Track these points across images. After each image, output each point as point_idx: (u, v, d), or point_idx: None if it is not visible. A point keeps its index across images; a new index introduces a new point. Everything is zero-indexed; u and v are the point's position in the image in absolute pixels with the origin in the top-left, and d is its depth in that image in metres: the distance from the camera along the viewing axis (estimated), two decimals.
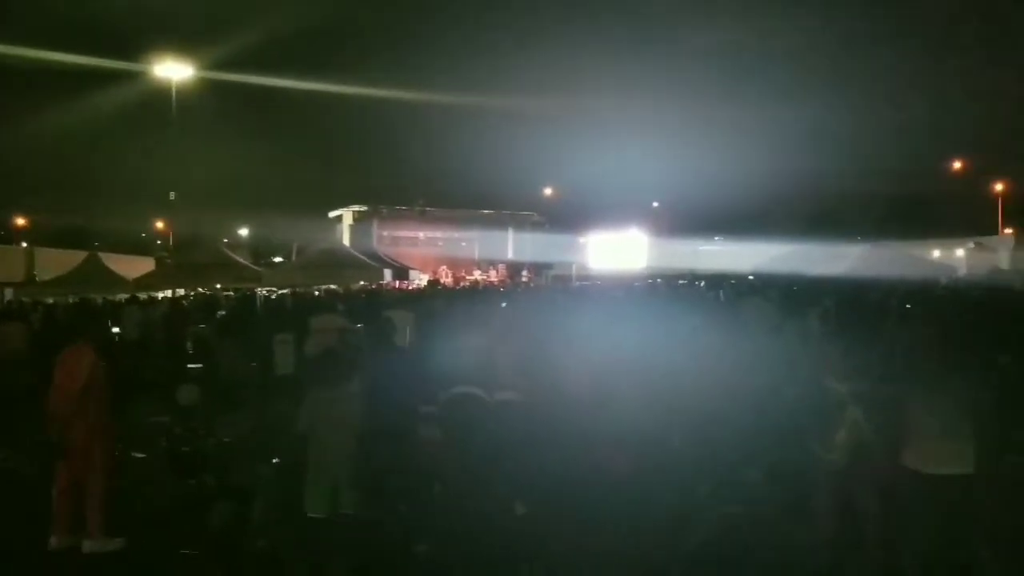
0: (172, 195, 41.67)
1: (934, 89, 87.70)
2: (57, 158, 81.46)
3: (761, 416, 6.94)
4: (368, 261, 25.32)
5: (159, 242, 69.66)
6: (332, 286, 22.38)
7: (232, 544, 6.73)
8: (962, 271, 30.11)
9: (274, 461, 7.42)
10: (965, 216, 50.13)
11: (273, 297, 21.10)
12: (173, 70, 34.43)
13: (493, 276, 42.86)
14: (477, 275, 43.03)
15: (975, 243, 40.15)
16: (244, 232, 77.41)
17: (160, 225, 74.89)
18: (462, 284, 37.83)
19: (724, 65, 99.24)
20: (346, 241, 44.71)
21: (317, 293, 21.56)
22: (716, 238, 55.99)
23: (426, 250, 45.54)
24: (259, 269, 24.24)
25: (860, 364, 6.13)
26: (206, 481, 7.03)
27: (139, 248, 63.21)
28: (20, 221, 67.23)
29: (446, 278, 39.79)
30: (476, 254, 46.64)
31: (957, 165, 52.86)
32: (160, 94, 37.08)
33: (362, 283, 24.76)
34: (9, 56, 42.82)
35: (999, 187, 53.79)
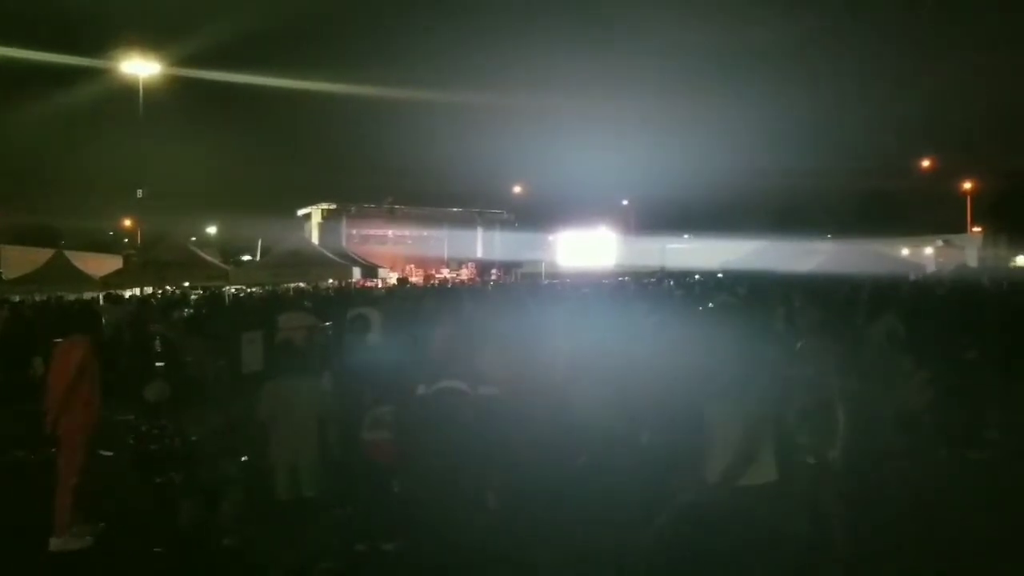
0: (140, 192, 41.24)
1: (902, 88, 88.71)
2: (22, 156, 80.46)
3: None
4: (336, 259, 25.23)
5: (126, 240, 69.16)
6: (300, 284, 22.32)
7: (201, 542, 6.72)
8: (930, 268, 30.45)
9: (243, 459, 7.40)
10: (934, 214, 50.84)
11: (241, 295, 20.99)
12: (139, 67, 34.11)
13: (463, 274, 42.88)
14: (446, 273, 43.04)
15: (943, 241, 40.60)
16: (212, 230, 77.06)
17: (127, 223, 74.47)
18: (431, 283, 37.77)
19: (692, 63, 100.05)
20: (315, 239, 44.52)
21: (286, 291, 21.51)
22: (685, 235, 56.35)
23: (395, 249, 45.44)
24: (226, 267, 24.05)
25: (829, 360, 6.19)
26: (173, 479, 6.99)
27: (106, 246, 62.59)
28: None
29: (415, 276, 39.75)
30: (445, 252, 46.65)
31: (926, 163, 53.45)
32: (127, 91, 36.77)
33: (331, 281, 24.69)
34: None
35: (967, 185, 54.56)
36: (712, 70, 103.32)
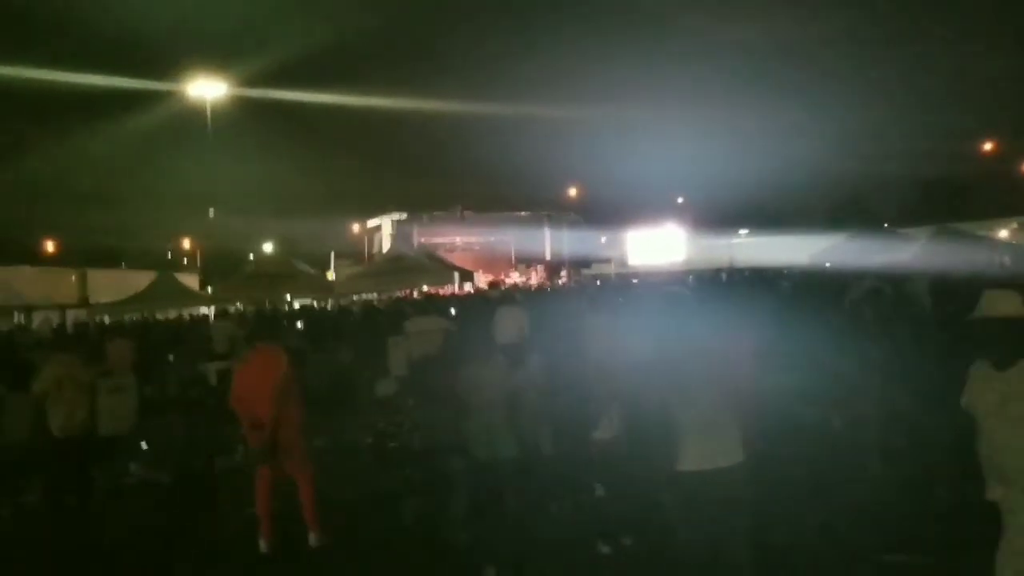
0: (211, 212, 41.97)
1: (960, 71, 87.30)
2: (83, 179, 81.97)
3: None
4: (437, 265, 25.53)
5: (185, 261, 70.24)
6: (425, 288, 22.69)
7: (434, 536, 6.93)
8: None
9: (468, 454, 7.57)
10: (999, 197, 49.89)
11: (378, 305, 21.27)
12: (205, 88, 34.68)
13: (532, 278, 43.03)
14: (515, 277, 43.19)
15: (1018, 223, 39.73)
16: (268, 247, 77.95)
17: (186, 243, 75.56)
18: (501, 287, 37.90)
19: (746, 59, 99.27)
20: (387, 248, 44.99)
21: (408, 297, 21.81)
22: (742, 231, 55.98)
23: (463, 255, 45.73)
24: (330, 279, 24.48)
25: None
26: (411, 476, 7.19)
27: (167, 266, 63.61)
28: (50, 246, 67.53)
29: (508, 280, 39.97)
30: (513, 256, 46.85)
31: (988, 146, 52.55)
32: (189, 112, 37.39)
33: (423, 288, 25.02)
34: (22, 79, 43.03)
35: None
36: (765, 66, 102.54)
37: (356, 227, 68.88)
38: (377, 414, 7.74)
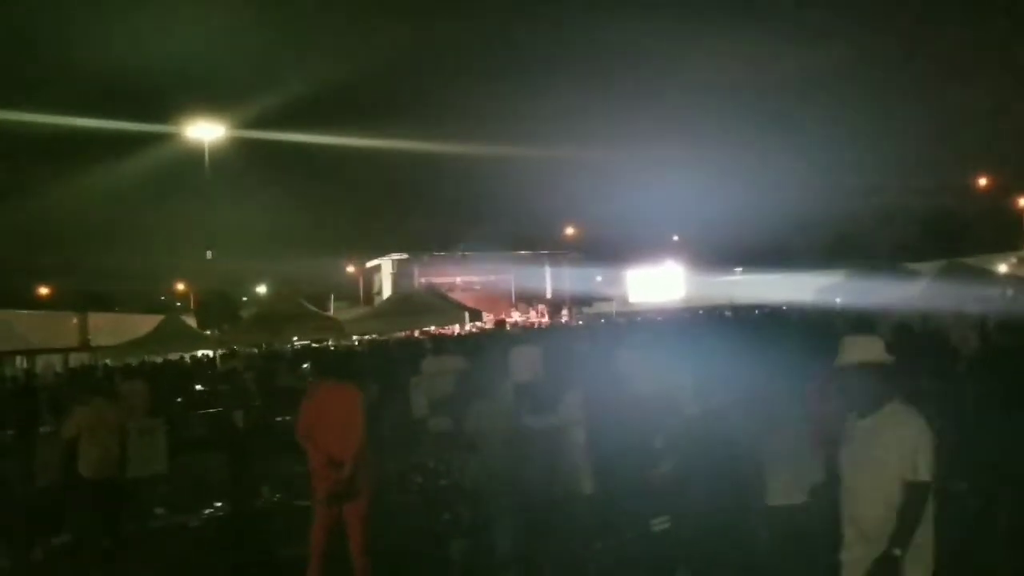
0: (209, 254, 41.86)
1: (952, 107, 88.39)
2: (77, 222, 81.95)
3: None
4: (447, 305, 25.45)
5: (179, 304, 70.05)
6: (431, 328, 22.62)
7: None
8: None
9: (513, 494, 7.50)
10: (995, 232, 50.23)
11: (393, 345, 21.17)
12: (204, 130, 34.43)
13: (534, 316, 42.96)
14: (516, 316, 43.11)
15: (1017, 258, 39.93)
16: (263, 289, 77.81)
17: (180, 286, 75.46)
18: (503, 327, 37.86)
19: (741, 97, 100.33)
20: (387, 290, 44.92)
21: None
22: (737, 269, 56.22)
23: (464, 295, 45.64)
24: (339, 319, 24.37)
25: None
26: (461, 514, 7.09)
27: (161, 309, 63.44)
28: (43, 290, 67.32)
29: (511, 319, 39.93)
30: (513, 295, 46.83)
31: (983, 181, 53.06)
32: (183, 155, 37.31)
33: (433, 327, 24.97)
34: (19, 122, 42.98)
35: (1022, 202, 54.05)
36: (757, 104, 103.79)
37: (351, 268, 69.03)
38: (428, 452, 7.63)
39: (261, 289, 78.26)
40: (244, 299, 77.96)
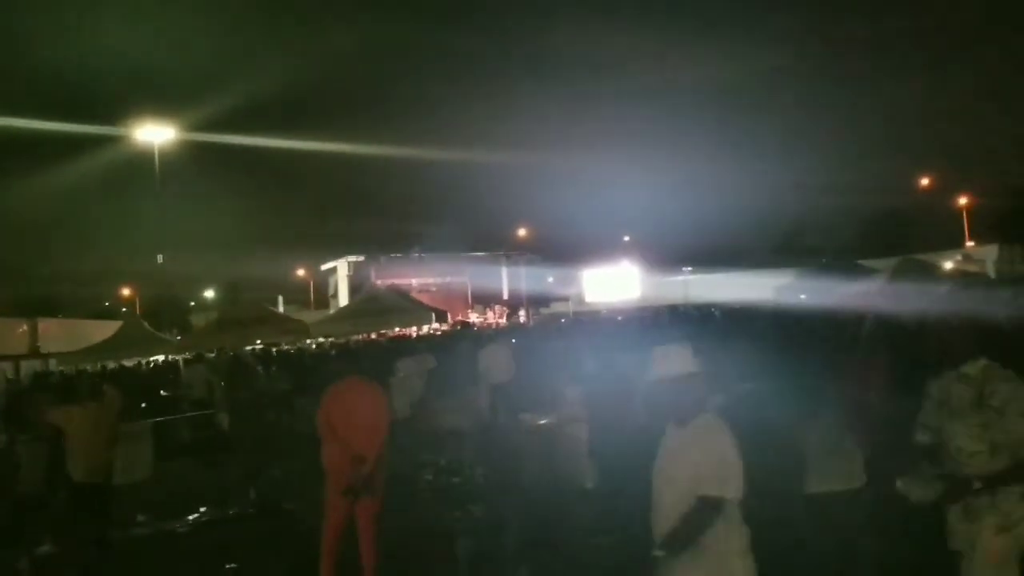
0: (160, 258, 41.21)
1: (896, 109, 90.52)
2: (22, 226, 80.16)
3: None
4: (413, 305, 25.33)
5: (124, 309, 68.60)
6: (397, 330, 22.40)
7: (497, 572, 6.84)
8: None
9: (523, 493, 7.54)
10: (939, 230, 51.46)
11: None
12: (154, 133, 33.75)
13: (491, 317, 42.98)
14: (474, 317, 43.10)
15: (962, 255, 40.81)
16: (210, 294, 76.62)
17: (126, 291, 73.98)
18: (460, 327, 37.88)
19: (689, 101, 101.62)
20: (343, 292, 44.62)
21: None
22: (686, 269, 56.81)
23: (420, 296, 45.41)
24: (304, 321, 24.10)
25: None
26: (472, 512, 7.10)
27: (106, 314, 62.16)
28: None
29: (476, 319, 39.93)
30: (469, 297, 46.81)
31: (925, 181, 54.41)
32: (135, 157, 36.60)
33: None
34: None
35: (963, 201, 55.56)
36: (705, 107, 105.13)
37: (302, 271, 68.40)
38: (440, 449, 7.62)
39: (209, 294, 77.24)
40: (192, 304, 77.03)
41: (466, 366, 12.96)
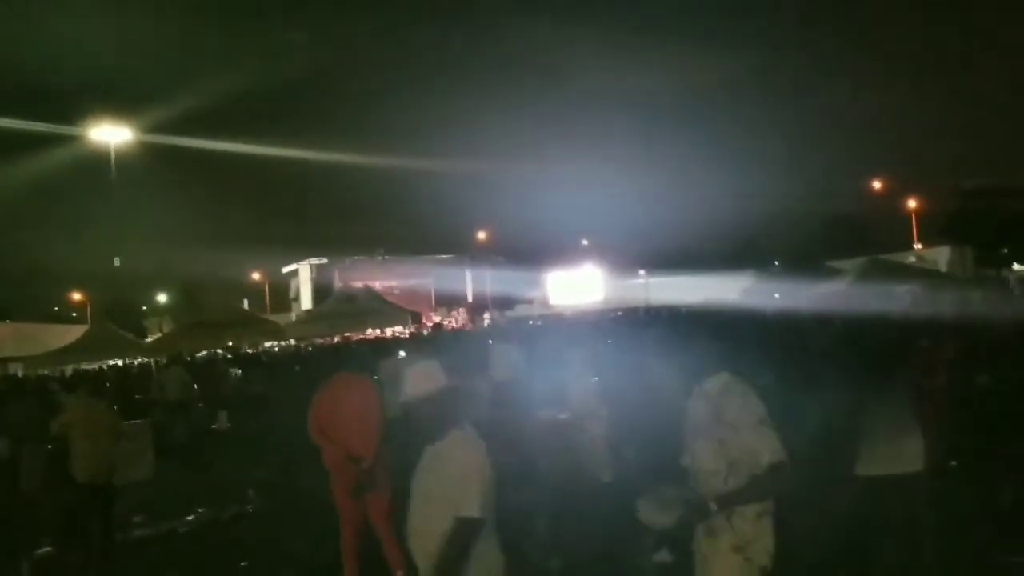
0: (117, 261, 40.53)
1: (847, 115, 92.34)
2: None
3: None
4: (389, 307, 25.17)
5: (75, 314, 67.21)
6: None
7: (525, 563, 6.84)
8: None
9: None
10: (891, 232, 52.40)
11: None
12: (110, 133, 33.01)
13: (454, 320, 42.95)
14: (436, 319, 43.02)
15: (914, 257, 41.70)
16: (162, 298, 75.17)
17: (77, 295, 72.36)
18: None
19: (645, 106, 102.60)
20: (305, 295, 44.30)
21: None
22: (641, 272, 57.27)
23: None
24: (279, 323, 23.87)
25: None
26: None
27: (57, 318, 60.95)
28: None
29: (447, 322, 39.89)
30: (433, 299, 46.75)
31: (877, 184, 55.43)
32: (91, 158, 35.85)
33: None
34: None
35: (912, 204, 56.67)
36: (662, 113, 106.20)
37: (257, 275, 67.57)
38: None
39: (162, 298, 75.83)
40: (144, 308, 75.59)
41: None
